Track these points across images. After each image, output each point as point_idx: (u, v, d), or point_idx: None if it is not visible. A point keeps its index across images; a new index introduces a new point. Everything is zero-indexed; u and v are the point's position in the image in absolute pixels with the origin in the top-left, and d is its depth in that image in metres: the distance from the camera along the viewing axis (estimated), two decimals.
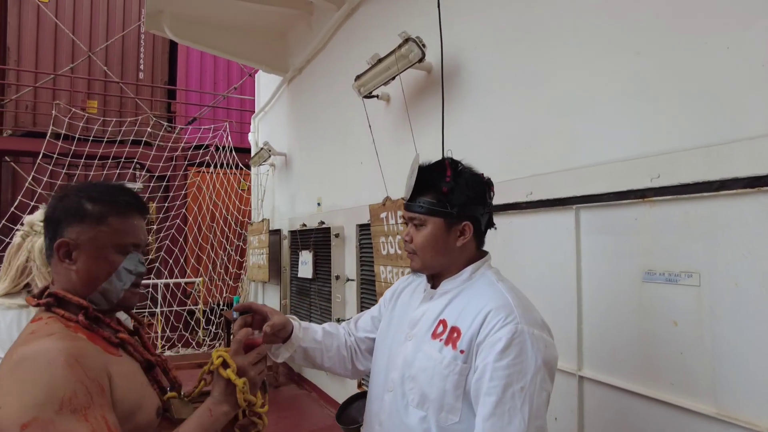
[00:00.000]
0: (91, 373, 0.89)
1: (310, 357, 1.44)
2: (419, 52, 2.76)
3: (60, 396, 0.82)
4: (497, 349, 1.12)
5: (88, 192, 1.05)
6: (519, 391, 1.10)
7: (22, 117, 8.41)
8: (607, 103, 1.93)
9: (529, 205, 2.23)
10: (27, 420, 0.80)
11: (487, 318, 1.17)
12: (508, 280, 1.32)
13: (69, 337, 0.93)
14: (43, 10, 8.67)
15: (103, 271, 1.03)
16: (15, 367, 0.85)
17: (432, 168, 1.32)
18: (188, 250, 8.35)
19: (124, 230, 1.05)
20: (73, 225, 1.02)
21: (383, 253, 3.29)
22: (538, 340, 1.15)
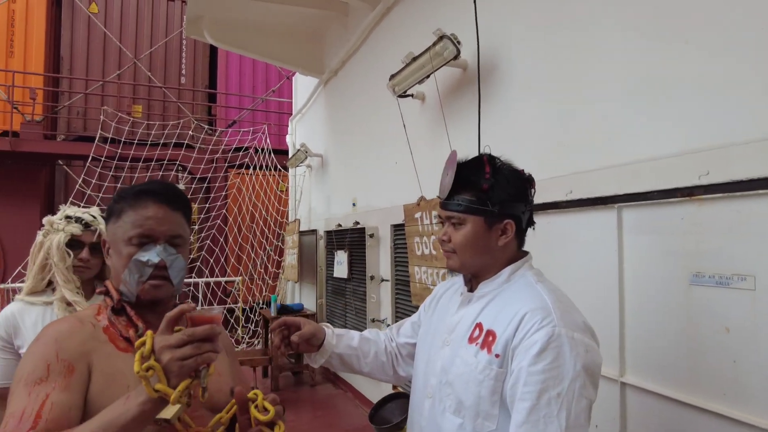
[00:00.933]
0: (64, 353, 0.94)
1: (347, 363, 1.45)
2: (454, 49, 2.72)
3: (25, 370, 0.92)
4: (532, 353, 1.07)
5: (121, 191, 1.12)
6: (555, 397, 1.04)
7: (73, 122, 8.80)
8: (651, 96, 1.84)
9: (568, 204, 2.16)
10: (10, 389, 0.92)
11: (523, 320, 1.12)
12: (550, 281, 1.26)
13: (77, 320, 1.03)
14: (93, 20, 9.05)
15: (121, 265, 1.06)
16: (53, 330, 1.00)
17: (469, 164, 1.27)
18: (228, 249, 8.54)
19: (135, 222, 1.06)
20: (108, 224, 1.12)
21: (418, 254, 3.26)
22: (577, 344, 1.08)
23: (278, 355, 1.30)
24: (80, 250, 1.68)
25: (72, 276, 1.66)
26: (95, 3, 9.14)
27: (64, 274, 1.64)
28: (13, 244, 7.95)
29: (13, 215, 8.06)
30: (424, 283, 3.18)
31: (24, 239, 7.87)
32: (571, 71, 2.24)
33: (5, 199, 8.09)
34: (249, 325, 7.76)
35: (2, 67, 8.21)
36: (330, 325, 1.47)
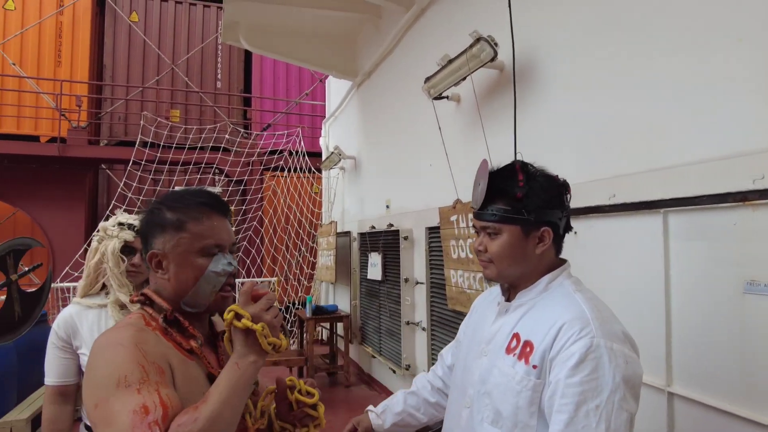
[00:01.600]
0: (151, 357, 0.95)
1: (404, 425, 1.49)
2: (491, 51, 2.69)
3: (117, 376, 0.89)
4: (570, 365, 1.06)
5: (166, 202, 1.09)
6: (594, 409, 1.02)
7: (115, 128, 9.13)
8: (700, 96, 1.78)
9: (611, 209, 2.10)
10: (97, 401, 0.89)
11: (561, 331, 1.10)
12: (589, 290, 1.24)
13: (137, 327, 1.01)
14: (133, 29, 9.36)
15: (190, 277, 1.05)
16: (92, 354, 0.96)
17: (502, 173, 1.25)
18: (264, 250, 8.69)
19: (203, 233, 1.06)
20: (158, 236, 1.07)
21: (453, 257, 3.24)
22: (617, 355, 1.06)
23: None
24: (132, 255, 1.75)
25: (126, 280, 1.73)
26: (135, 12, 9.45)
27: (118, 279, 1.71)
28: (61, 245, 8.30)
29: (61, 217, 8.42)
30: (461, 287, 3.16)
31: (71, 240, 8.25)
32: (613, 71, 2.18)
33: (54, 202, 8.45)
34: (285, 325, 7.87)
35: (51, 76, 8.58)
36: (372, 407, 1.53)
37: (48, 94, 8.48)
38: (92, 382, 0.92)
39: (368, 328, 5.52)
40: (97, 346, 0.97)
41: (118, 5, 9.32)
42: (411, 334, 4.35)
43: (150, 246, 1.07)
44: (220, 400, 0.91)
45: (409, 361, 4.30)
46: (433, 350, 3.86)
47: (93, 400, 0.90)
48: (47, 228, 8.40)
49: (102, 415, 0.87)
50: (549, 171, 1.28)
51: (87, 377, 0.94)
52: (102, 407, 0.87)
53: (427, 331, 3.92)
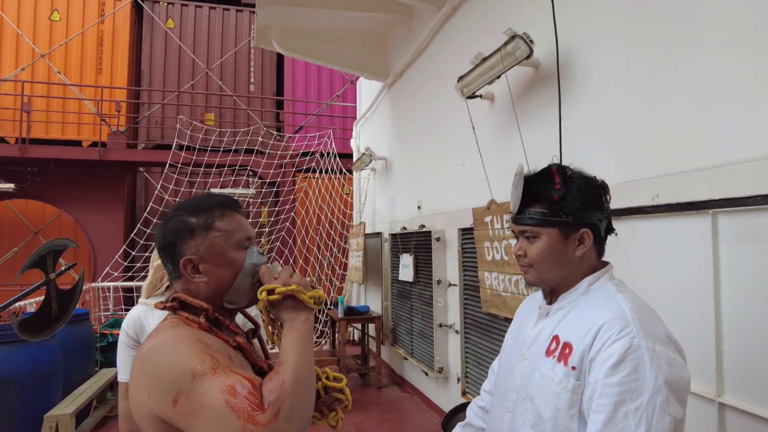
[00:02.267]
0: (215, 347, 0.96)
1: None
2: (526, 49, 2.64)
3: (190, 368, 0.89)
4: (608, 365, 1.03)
5: (184, 209, 1.09)
6: (633, 411, 0.99)
7: (152, 131, 9.39)
8: (753, 92, 1.69)
9: (655, 210, 2.02)
10: (173, 396, 0.88)
11: (600, 331, 1.08)
12: (632, 291, 1.20)
13: (192, 329, 1.01)
14: (170, 35, 9.61)
15: (230, 274, 1.06)
16: (144, 359, 0.94)
17: (538, 177, 1.24)
18: (297, 251, 8.78)
19: (233, 228, 1.08)
20: (188, 242, 1.06)
21: (488, 259, 3.19)
22: (659, 357, 1.02)
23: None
24: None
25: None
26: (171, 19, 9.69)
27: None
28: (102, 246, 8.58)
29: (101, 219, 8.71)
30: (495, 290, 3.10)
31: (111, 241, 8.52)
32: (659, 66, 2.10)
33: (95, 204, 8.74)
34: (317, 325, 7.93)
35: (92, 83, 8.89)
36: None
37: (89, 100, 8.79)
38: (160, 382, 0.90)
39: (400, 330, 5.50)
40: (151, 348, 0.95)
41: (155, 13, 9.58)
42: (444, 337, 4.31)
43: (180, 253, 1.06)
44: (295, 359, 0.95)
45: (442, 364, 4.26)
46: (466, 353, 3.81)
47: (168, 398, 0.89)
48: (88, 229, 8.70)
49: (187, 408, 0.87)
50: (587, 173, 1.26)
51: (149, 378, 0.92)
52: (183, 401, 0.88)
53: (460, 334, 3.87)
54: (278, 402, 0.88)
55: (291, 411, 0.89)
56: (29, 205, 9.10)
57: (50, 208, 9.03)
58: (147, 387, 0.92)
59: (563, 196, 1.18)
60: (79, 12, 9.05)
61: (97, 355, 4.96)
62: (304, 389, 0.94)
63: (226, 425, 0.85)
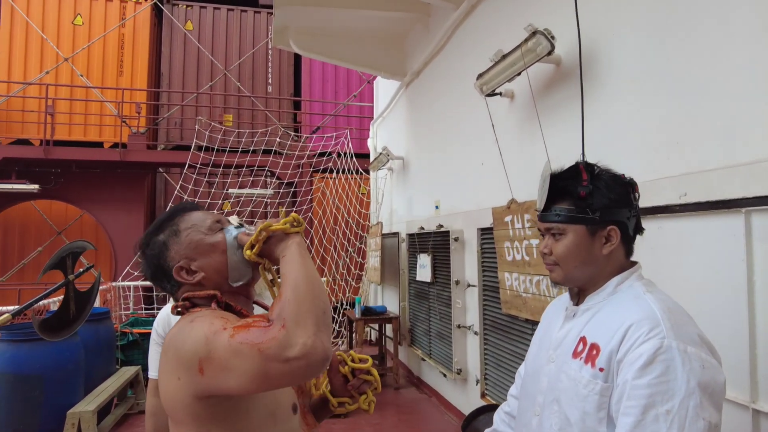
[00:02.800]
0: (232, 318, 0.97)
1: None
2: (548, 45, 2.58)
3: (203, 335, 0.91)
4: (637, 366, 1.00)
5: (149, 234, 1.12)
6: (664, 414, 0.95)
7: (172, 132, 9.50)
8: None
9: (683, 208, 1.96)
10: (197, 367, 0.90)
11: (629, 332, 1.04)
12: (662, 292, 1.16)
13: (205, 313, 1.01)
14: (188, 37, 9.72)
15: (219, 255, 1.08)
16: (167, 348, 0.96)
17: (566, 174, 1.22)
18: (314, 251, 8.80)
19: (197, 221, 1.11)
20: (168, 254, 1.08)
21: (508, 259, 3.14)
22: (691, 358, 0.98)
23: None
24: None
25: None
26: (190, 21, 9.80)
27: None
28: (122, 246, 8.71)
29: (122, 219, 8.84)
30: (516, 290, 3.05)
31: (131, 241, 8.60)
32: (685, 62, 2.03)
33: (116, 204, 8.88)
34: (333, 325, 7.93)
35: (113, 85, 9.04)
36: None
37: (111, 102, 8.93)
38: (182, 359, 0.92)
39: (417, 330, 5.46)
40: (171, 336, 0.97)
41: (175, 15, 9.69)
42: (462, 338, 4.26)
43: (168, 268, 1.08)
44: (292, 274, 0.95)
45: (461, 366, 4.21)
46: (485, 355, 3.75)
47: (194, 370, 0.90)
48: (109, 229, 8.83)
49: (211, 369, 0.88)
50: (615, 170, 1.23)
51: (173, 362, 0.93)
52: (207, 366, 0.89)
53: (479, 335, 3.82)
54: (282, 312, 0.89)
55: (297, 315, 0.88)
56: (53, 205, 9.29)
57: (73, 209, 9.20)
58: (175, 371, 0.93)
59: (590, 192, 1.16)
60: (101, 16, 9.22)
61: (117, 354, 5.02)
62: (306, 294, 0.92)
63: (246, 360, 0.85)
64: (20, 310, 2.36)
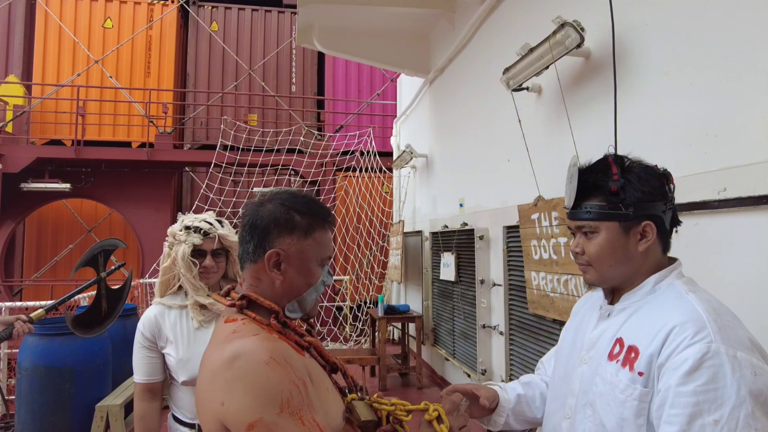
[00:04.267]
0: (298, 372, 0.92)
1: (519, 413, 1.38)
2: (577, 37, 2.51)
3: (279, 398, 0.86)
4: (682, 371, 0.93)
5: (293, 204, 1.06)
6: (712, 424, 0.88)
7: (198, 132, 9.64)
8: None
9: (721, 204, 1.87)
10: (253, 420, 0.85)
11: (671, 335, 0.97)
12: (706, 291, 1.08)
13: (271, 338, 0.96)
14: (214, 38, 9.85)
15: (304, 283, 1.06)
16: (230, 364, 0.89)
17: (594, 168, 1.15)
18: (337, 249, 8.81)
19: (325, 243, 1.08)
20: (284, 236, 1.04)
21: (535, 258, 3.07)
22: (742, 365, 0.91)
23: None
24: (203, 258, 1.75)
25: (200, 283, 1.75)
26: (216, 22, 9.92)
27: (192, 283, 1.73)
28: (150, 243, 8.87)
29: (149, 217, 9.00)
30: (543, 290, 2.98)
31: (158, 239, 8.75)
32: (723, 52, 1.94)
33: (143, 203, 9.05)
34: (357, 323, 7.94)
35: (141, 86, 9.22)
36: (496, 383, 1.40)
37: (138, 102, 9.11)
38: (244, 399, 0.86)
39: (441, 330, 5.41)
40: (238, 354, 0.90)
41: (200, 16, 9.83)
42: (487, 338, 4.19)
43: (270, 243, 1.03)
44: None
45: (485, 366, 4.15)
46: (511, 356, 3.69)
47: (247, 418, 0.85)
48: (137, 227, 9.01)
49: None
50: (647, 162, 1.15)
51: (231, 389, 0.87)
52: (262, 429, 0.85)
53: (505, 335, 3.75)
54: None
55: None
56: (83, 204, 9.52)
57: (102, 207, 9.42)
58: (225, 395, 0.87)
59: (622, 186, 1.09)
60: (130, 19, 9.41)
61: None
62: None
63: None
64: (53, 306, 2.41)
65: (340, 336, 7.93)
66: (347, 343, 7.65)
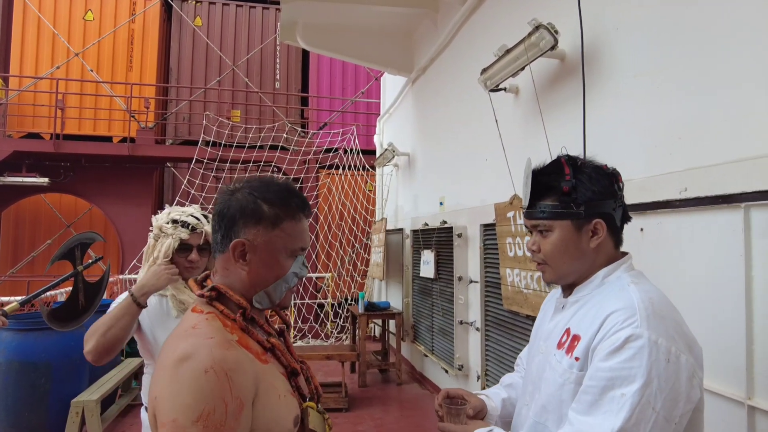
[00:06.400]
0: (236, 390, 0.90)
1: (506, 416, 1.43)
2: (551, 39, 2.57)
3: (202, 409, 0.86)
4: (607, 351, 1.01)
5: (262, 192, 1.05)
6: (619, 397, 0.97)
7: (180, 128, 9.56)
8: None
9: (683, 203, 1.95)
10: (169, 419, 0.86)
11: (606, 321, 1.05)
12: (650, 283, 1.15)
13: (227, 344, 0.95)
14: (197, 33, 9.77)
15: (272, 274, 1.04)
16: (176, 365, 0.89)
17: (548, 169, 1.21)
18: (319, 246, 8.83)
19: (296, 234, 1.05)
20: (250, 226, 1.02)
21: (510, 255, 3.13)
22: (660, 351, 0.98)
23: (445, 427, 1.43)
24: (189, 252, 1.77)
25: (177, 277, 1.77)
26: (199, 17, 9.85)
27: None
28: (130, 239, 8.79)
29: (130, 213, 8.92)
30: (517, 287, 3.04)
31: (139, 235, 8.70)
32: (688, 57, 2.02)
33: (124, 199, 8.96)
34: (338, 320, 7.97)
35: (122, 80, 9.11)
36: (482, 392, 1.46)
37: (120, 97, 9.00)
38: (172, 396, 0.87)
39: (420, 326, 5.47)
40: (185, 356, 0.90)
41: (184, 11, 9.74)
42: (464, 334, 4.26)
43: (236, 232, 1.02)
44: None
45: (462, 362, 4.22)
46: (487, 351, 3.75)
47: (167, 414, 0.86)
48: (118, 223, 8.92)
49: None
50: (597, 162, 1.22)
51: (166, 388, 0.89)
52: (172, 428, 0.85)
53: (481, 331, 3.82)
54: None
55: None
56: (62, 198, 9.39)
57: (82, 202, 9.30)
58: (160, 391, 0.90)
59: (573, 186, 1.15)
60: (112, 11, 9.29)
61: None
62: None
63: None
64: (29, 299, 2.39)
65: (321, 333, 7.95)
66: (328, 339, 7.68)
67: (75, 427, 3.61)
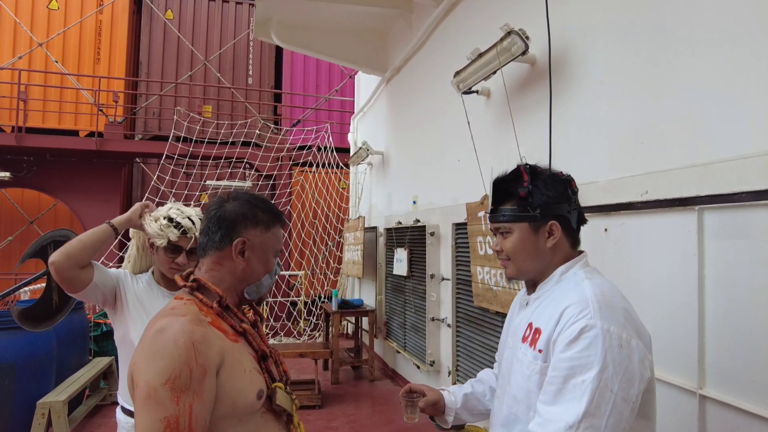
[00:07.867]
0: (201, 358, 1.03)
1: (471, 409, 1.55)
2: (522, 45, 2.66)
3: (170, 373, 0.99)
4: (564, 342, 1.11)
5: (256, 202, 1.26)
6: (581, 383, 1.07)
7: (150, 123, 9.37)
8: (744, 90, 1.71)
9: (644, 206, 2.06)
10: (142, 381, 1.00)
11: (563, 315, 1.16)
12: (602, 278, 1.25)
13: (198, 321, 1.09)
14: (168, 26, 9.58)
15: (261, 270, 1.24)
16: (154, 337, 1.04)
17: (509, 177, 1.34)
18: (292, 244, 8.80)
19: (279, 238, 1.28)
20: (249, 228, 1.22)
21: (480, 253, 3.22)
22: (612, 337, 1.09)
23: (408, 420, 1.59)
24: (177, 254, 1.79)
25: (144, 264, 1.97)
26: (171, 10, 9.66)
27: (142, 264, 1.90)
28: None
29: (98, 209, 8.69)
30: (487, 284, 3.13)
31: None
32: (650, 65, 2.12)
33: (92, 194, 8.73)
34: (311, 317, 7.97)
35: (90, 73, 8.86)
36: (445, 388, 1.57)
37: (87, 90, 8.76)
38: (147, 363, 1.01)
39: (393, 324, 5.53)
40: (161, 329, 1.04)
41: (154, 3, 9.54)
42: (436, 331, 4.34)
43: (237, 233, 1.20)
44: None
45: (434, 358, 4.30)
46: (458, 347, 3.84)
47: (141, 376, 1.00)
48: (85, 219, 8.69)
49: (144, 393, 0.98)
50: (554, 169, 1.34)
51: (145, 355, 1.02)
52: (144, 388, 0.98)
53: (452, 327, 3.91)
54: None
55: None
56: (25, 194, 9.09)
57: (46, 198, 9.02)
58: (138, 357, 1.03)
59: (530, 192, 1.27)
60: (78, 1, 9.01)
61: (90, 344, 4.97)
62: None
63: None
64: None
65: (294, 330, 7.94)
66: (301, 337, 7.68)
67: (41, 429, 3.54)
